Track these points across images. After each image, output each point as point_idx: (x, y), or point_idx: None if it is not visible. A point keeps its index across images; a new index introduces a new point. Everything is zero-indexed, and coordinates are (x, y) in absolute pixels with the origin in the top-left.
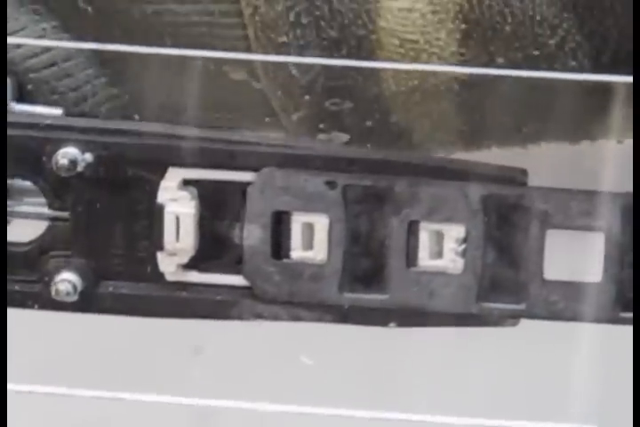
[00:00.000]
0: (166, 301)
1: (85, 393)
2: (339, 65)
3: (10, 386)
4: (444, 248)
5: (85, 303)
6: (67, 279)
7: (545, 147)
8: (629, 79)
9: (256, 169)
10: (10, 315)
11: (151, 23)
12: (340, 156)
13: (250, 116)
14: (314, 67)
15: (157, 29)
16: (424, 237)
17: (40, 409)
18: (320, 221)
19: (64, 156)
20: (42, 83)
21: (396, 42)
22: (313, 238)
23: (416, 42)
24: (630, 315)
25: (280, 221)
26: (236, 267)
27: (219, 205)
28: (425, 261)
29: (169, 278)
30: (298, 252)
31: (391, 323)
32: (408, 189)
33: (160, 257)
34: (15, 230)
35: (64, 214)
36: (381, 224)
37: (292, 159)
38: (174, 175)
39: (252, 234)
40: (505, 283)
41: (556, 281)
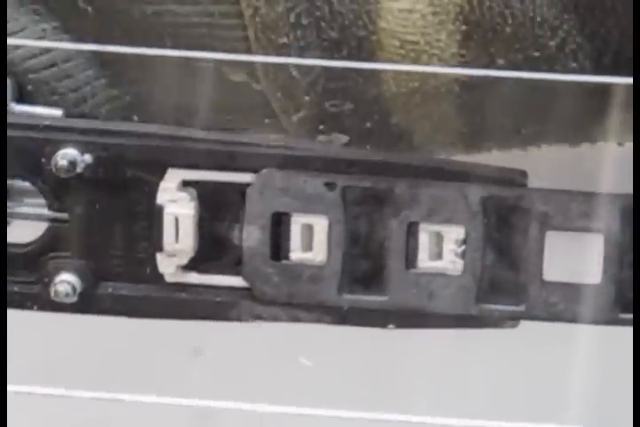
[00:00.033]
0: (166, 302)
1: (85, 394)
2: (339, 66)
3: (9, 387)
4: (443, 249)
5: (85, 304)
6: (66, 280)
7: (545, 149)
8: (629, 81)
9: (255, 170)
10: (9, 316)
11: (151, 24)
12: (340, 157)
13: (249, 118)
14: (314, 68)
15: (157, 30)
16: (424, 238)
17: (39, 410)
18: (319, 223)
19: (63, 157)
20: (42, 83)
21: (397, 43)
22: (312, 240)
23: (416, 43)
24: (630, 316)
25: (279, 223)
26: (235, 268)
27: (218, 207)
28: (424, 262)
29: (168, 280)
30: (297, 253)
31: (390, 324)
32: (407, 191)
33: (159, 258)
34: (15, 231)
35: (63, 215)
36: (381, 225)
37: (292, 160)
38: (173, 176)
39: (252, 235)
40: (504, 284)
41: (556, 282)
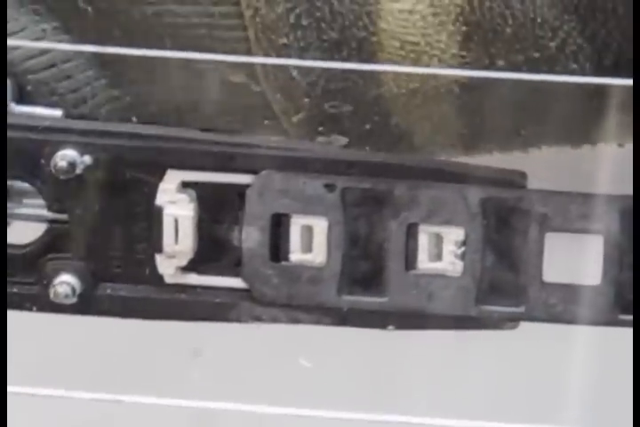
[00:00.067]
0: (165, 303)
1: (84, 395)
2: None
3: (9, 388)
4: (443, 251)
5: (84, 306)
6: (65, 281)
7: (546, 151)
8: (629, 82)
9: (255, 171)
10: (9, 317)
11: (151, 24)
12: (340, 158)
13: (249, 119)
14: (314, 69)
15: (157, 31)
16: (423, 239)
17: (39, 411)
18: (319, 224)
19: (63, 158)
20: (41, 84)
21: (397, 44)
22: (312, 241)
23: (417, 44)
24: (629, 317)
25: (279, 224)
26: (234, 269)
27: (217, 208)
28: (424, 263)
29: (168, 281)
30: (297, 254)
31: (390, 326)
32: (407, 192)
33: (159, 259)
34: (14, 232)
35: (63, 217)
36: (380, 227)
37: (291, 162)
38: (173, 178)
39: (251, 236)
40: (504, 286)
41: (556, 284)
